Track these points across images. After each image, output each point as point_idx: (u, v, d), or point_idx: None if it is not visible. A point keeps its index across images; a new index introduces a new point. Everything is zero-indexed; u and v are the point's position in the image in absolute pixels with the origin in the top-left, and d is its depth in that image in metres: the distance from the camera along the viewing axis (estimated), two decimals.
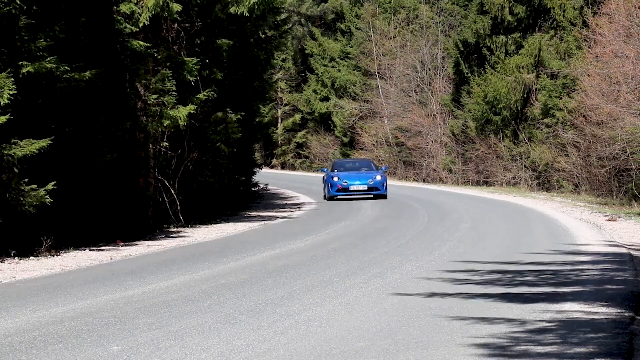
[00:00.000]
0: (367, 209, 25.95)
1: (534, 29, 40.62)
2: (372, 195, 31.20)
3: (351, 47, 56.16)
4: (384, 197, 30.96)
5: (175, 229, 20.97)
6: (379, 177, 31.34)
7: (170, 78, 19.63)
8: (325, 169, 34.18)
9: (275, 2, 26.45)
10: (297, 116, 62.35)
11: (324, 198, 31.58)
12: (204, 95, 21.44)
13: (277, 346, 7.24)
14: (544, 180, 38.10)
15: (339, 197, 31.31)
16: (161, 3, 18.54)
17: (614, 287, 10.57)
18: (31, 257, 14.99)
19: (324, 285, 10.68)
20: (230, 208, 27.36)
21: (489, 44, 41.18)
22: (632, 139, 26.88)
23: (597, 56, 27.76)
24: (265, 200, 32.85)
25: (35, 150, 14.68)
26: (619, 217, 22.26)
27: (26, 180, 14.95)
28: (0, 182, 14.83)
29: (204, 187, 25.08)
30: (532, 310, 8.85)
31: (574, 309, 8.91)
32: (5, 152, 14.55)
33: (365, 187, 30.98)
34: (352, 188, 30.86)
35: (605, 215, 22.87)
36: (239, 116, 23.55)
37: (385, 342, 7.34)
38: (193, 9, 22.45)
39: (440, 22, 49.85)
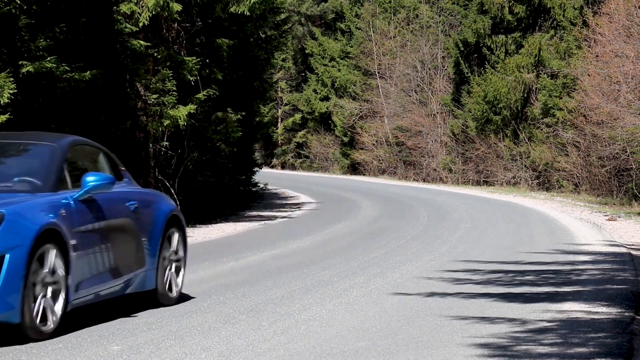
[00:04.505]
0: (366, 208, 25.94)
1: (534, 28, 40.63)
2: None
3: (351, 46, 56.15)
4: None
5: None
6: None
7: (170, 78, 19.62)
8: None
9: (276, 2, 26.43)
10: (297, 116, 62.34)
11: None
12: (204, 94, 21.42)
13: (277, 346, 7.24)
14: (544, 180, 38.10)
15: None
16: (161, 3, 18.52)
17: (614, 286, 10.58)
18: None
19: (324, 285, 10.67)
20: (230, 208, 27.33)
21: (489, 44, 41.19)
22: (632, 139, 26.89)
23: (597, 56, 27.77)
24: (266, 200, 32.80)
25: None
26: (619, 217, 22.27)
27: None
28: None
29: (204, 187, 25.05)
30: (532, 310, 8.85)
31: (575, 309, 8.91)
32: None
33: None
34: None
35: (605, 215, 22.88)
36: (239, 116, 23.53)
37: (386, 342, 7.34)
38: (193, 8, 22.42)
39: (440, 21, 49.85)
